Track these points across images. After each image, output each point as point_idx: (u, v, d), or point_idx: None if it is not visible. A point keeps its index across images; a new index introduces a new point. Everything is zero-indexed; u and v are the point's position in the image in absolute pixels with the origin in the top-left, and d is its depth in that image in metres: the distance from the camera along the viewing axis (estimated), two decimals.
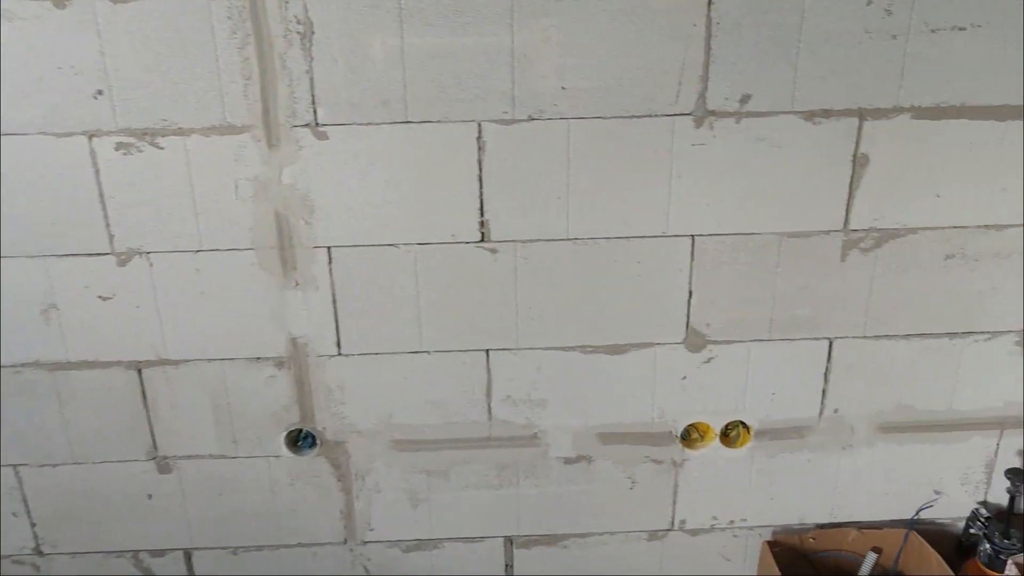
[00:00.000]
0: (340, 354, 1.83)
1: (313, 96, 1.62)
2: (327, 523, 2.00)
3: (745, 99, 1.66)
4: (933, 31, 1.62)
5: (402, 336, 1.82)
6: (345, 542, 2.02)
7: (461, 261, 1.75)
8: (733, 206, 1.74)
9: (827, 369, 1.89)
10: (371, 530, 2.01)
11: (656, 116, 1.66)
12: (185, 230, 1.72)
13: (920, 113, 1.68)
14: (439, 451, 1.93)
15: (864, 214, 1.75)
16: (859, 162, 1.71)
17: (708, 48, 1.62)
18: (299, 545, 2.02)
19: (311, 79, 1.61)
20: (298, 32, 1.57)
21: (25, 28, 1.56)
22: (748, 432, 1.94)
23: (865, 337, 1.86)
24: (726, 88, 1.65)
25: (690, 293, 1.80)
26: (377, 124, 1.64)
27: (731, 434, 1.95)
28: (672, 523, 2.04)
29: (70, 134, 1.64)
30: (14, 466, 1.92)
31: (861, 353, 1.88)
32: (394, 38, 1.59)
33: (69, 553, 2.01)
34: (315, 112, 1.63)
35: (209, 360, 1.83)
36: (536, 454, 1.94)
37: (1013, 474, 1.96)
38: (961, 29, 1.62)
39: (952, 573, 1.91)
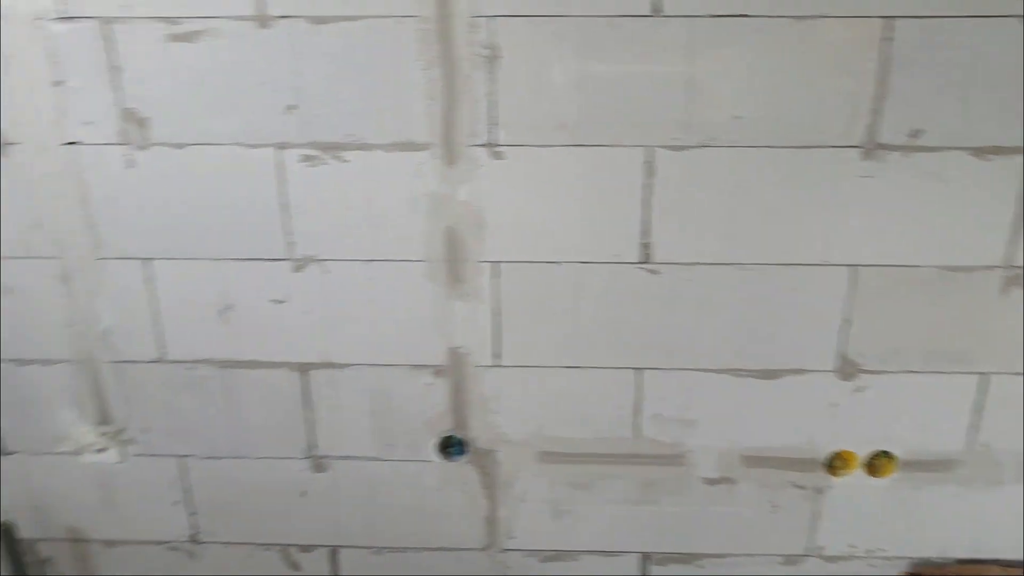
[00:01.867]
0: (497, 365, 1.89)
1: (493, 118, 1.69)
2: (470, 529, 2.06)
3: (915, 134, 1.67)
4: None
5: (558, 350, 1.87)
6: (486, 548, 2.08)
7: (621, 281, 1.80)
8: (896, 238, 1.75)
9: (979, 403, 1.89)
10: (512, 538, 2.07)
11: (825, 147, 1.69)
12: (360, 240, 1.80)
13: None
14: (585, 464, 1.98)
15: None
16: None
17: (881, 83, 1.64)
18: (441, 549, 2.08)
19: (493, 101, 1.67)
20: (484, 56, 1.64)
21: (229, 45, 1.66)
22: (893, 462, 1.95)
23: (1020, 374, 1.86)
24: (897, 122, 1.67)
25: (847, 322, 1.82)
26: (551, 146, 1.70)
27: (875, 463, 1.96)
28: (810, 549, 2.05)
29: (261, 145, 1.73)
30: (179, 456, 2.02)
31: (1015, 389, 1.87)
32: (575, 64, 1.64)
33: (223, 543, 2.11)
34: (494, 133, 1.70)
35: (371, 365, 1.91)
36: (680, 473, 1.98)
37: None
38: None
39: None
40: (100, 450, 2.00)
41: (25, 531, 2.09)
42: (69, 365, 1.94)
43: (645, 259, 1.78)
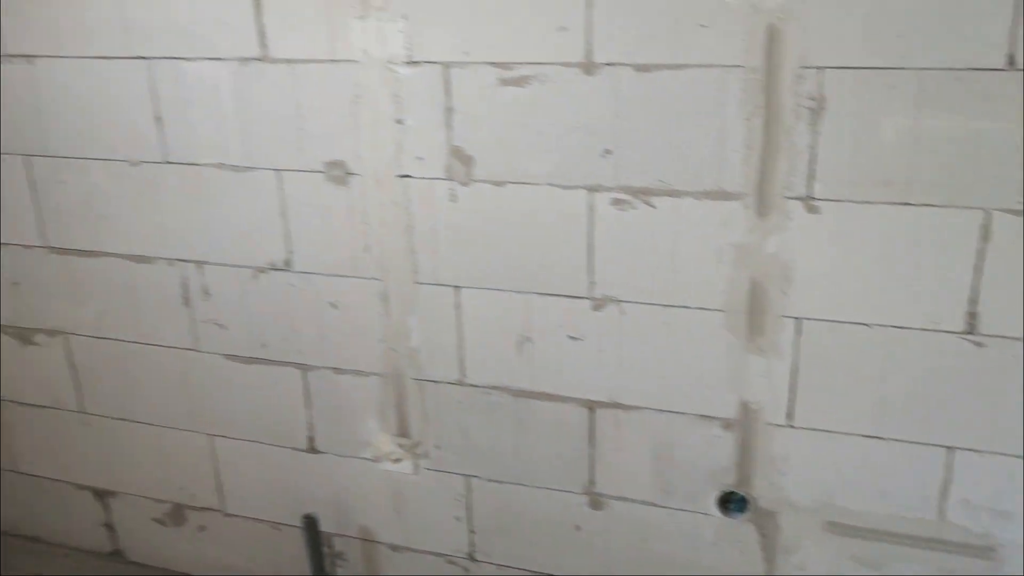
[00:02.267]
0: (790, 425, 1.81)
1: (812, 171, 1.63)
2: None
3: None
4: None
5: (858, 417, 1.77)
6: None
7: (939, 350, 1.67)
8: None
9: None
10: None
11: None
12: (660, 285, 1.81)
13: None
14: (876, 542, 1.84)
15: None
16: None
17: None
18: None
19: (813, 154, 1.62)
20: (808, 108, 1.60)
21: (555, 90, 1.74)
22: None
23: None
24: None
25: None
26: (873, 203, 1.62)
27: None
28: None
29: (574, 187, 1.80)
30: (466, 475, 2.12)
31: None
32: (907, 119, 1.56)
33: (496, 564, 2.18)
34: (811, 186, 1.64)
35: (659, 411, 1.90)
36: (987, 567, 1.79)
37: None
38: None
39: None
40: (396, 460, 2.15)
41: (325, 524, 2.29)
42: (379, 378, 2.10)
43: (969, 329, 1.64)
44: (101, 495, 2.56)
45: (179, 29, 1.95)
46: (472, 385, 2.03)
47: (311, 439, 2.24)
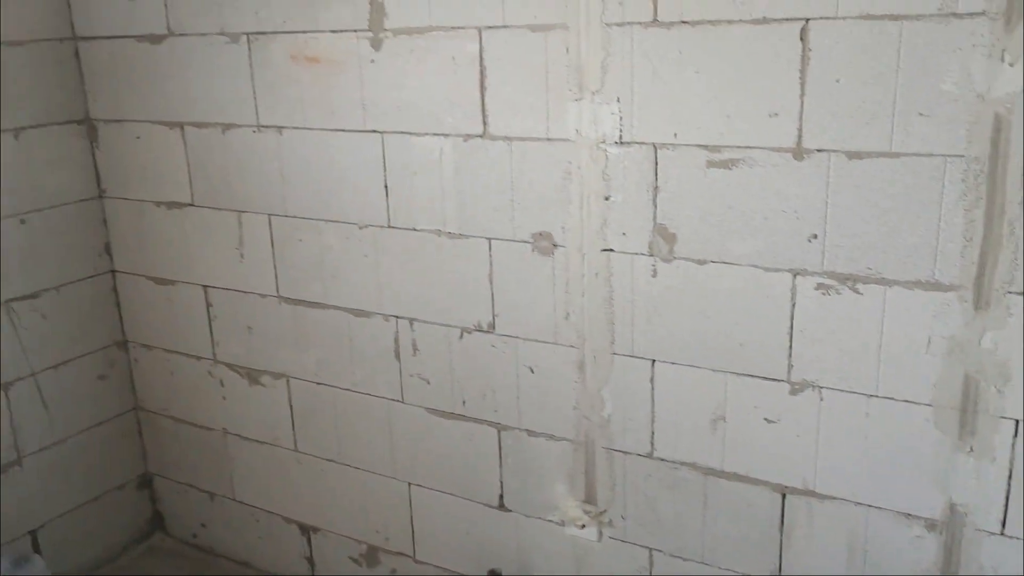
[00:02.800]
0: (1002, 534, 1.70)
1: None
2: None
3: None
4: None
5: None
6: None
7: None
8: None
9: None
10: None
11: None
12: (863, 373, 1.76)
13: None
14: None
15: None
16: None
17: None
18: None
19: None
20: None
21: (762, 174, 1.76)
22: None
23: None
24: None
25: None
26: None
27: None
28: None
29: (777, 270, 1.80)
30: (649, 548, 2.12)
31: None
32: None
33: None
34: None
35: (855, 503, 1.84)
36: None
37: None
38: None
39: None
40: (582, 526, 2.19)
41: None
42: (570, 444, 2.16)
43: None
44: (306, 530, 2.75)
45: (411, 107, 2.14)
46: (662, 459, 2.04)
47: (501, 497, 2.32)
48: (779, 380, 1.86)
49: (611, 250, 1.97)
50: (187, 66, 2.47)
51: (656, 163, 1.87)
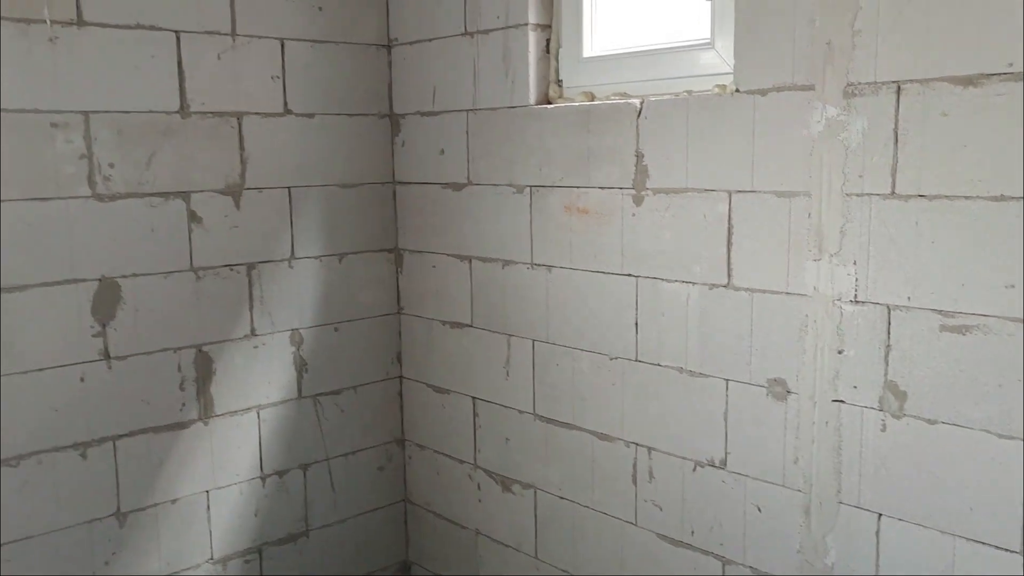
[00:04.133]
0: None
1: None
2: None
3: None
4: None
5: None
6: None
7: None
8: None
9: None
10: None
11: None
12: None
13: None
14: None
15: None
16: None
17: None
18: None
19: None
20: None
21: (996, 341, 1.81)
22: None
23: None
24: None
25: None
26: None
27: None
28: None
29: (1011, 437, 1.81)
30: None
31: None
32: None
33: None
34: None
35: None
36: None
37: None
38: None
39: None
40: None
41: None
42: None
43: None
44: None
45: (663, 256, 2.40)
46: None
47: None
48: (1012, 551, 1.83)
49: (842, 401, 2.07)
50: (479, 210, 2.91)
51: (889, 323, 1.97)
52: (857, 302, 2.02)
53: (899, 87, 1.90)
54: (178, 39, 2.66)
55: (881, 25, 1.91)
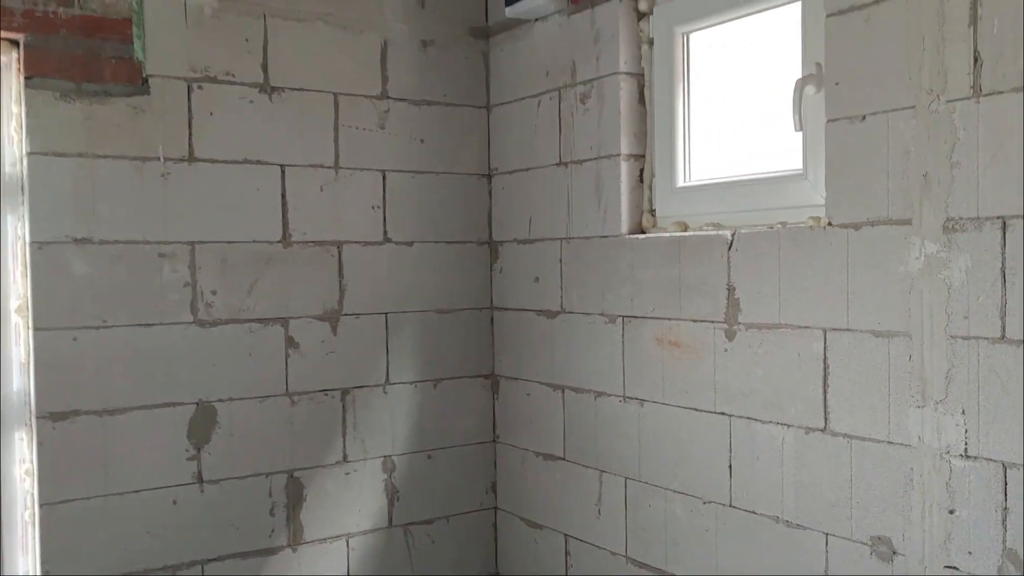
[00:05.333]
0: None
1: None
2: None
3: None
4: None
5: None
6: None
7: None
8: None
9: None
10: None
11: None
12: None
13: None
14: None
15: None
16: None
17: None
18: None
19: None
20: None
21: None
22: None
23: None
24: None
25: None
26: None
27: None
28: None
29: None
30: None
31: None
32: None
33: None
34: None
35: None
36: None
37: None
38: None
39: None
40: None
41: None
42: None
43: None
44: None
45: (756, 395, 2.25)
46: None
47: None
48: None
49: (955, 568, 1.84)
50: (571, 338, 2.85)
51: (1005, 483, 1.76)
52: (968, 457, 1.82)
53: (1004, 223, 1.74)
54: (283, 173, 2.79)
55: (981, 157, 1.78)
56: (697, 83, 2.59)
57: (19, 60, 2.41)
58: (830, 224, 2.07)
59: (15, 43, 2.41)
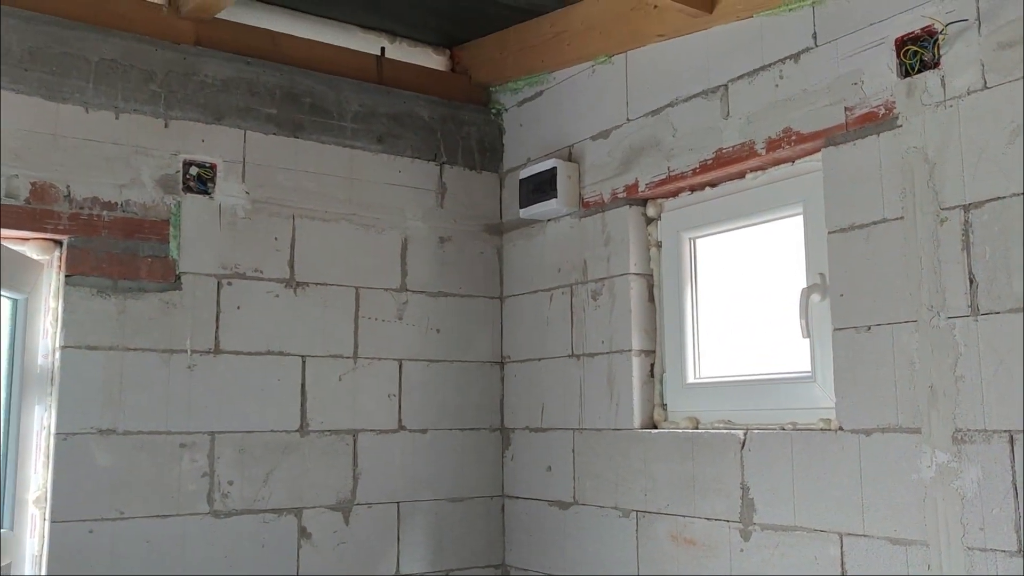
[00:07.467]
0: None
1: None
2: None
3: None
4: None
5: None
6: None
7: None
8: None
9: None
10: None
11: None
12: None
13: None
14: None
15: None
16: None
17: None
18: None
19: None
20: None
21: None
22: None
23: None
24: None
25: None
26: None
27: None
28: None
29: None
30: None
31: None
32: None
33: None
34: None
35: None
36: None
37: None
38: None
39: None
40: None
41: None
42: None
43: None
44: None
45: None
46: None
47: None
48: None
49: None
50: (584, 531, 2.84)
51: None
52: None
53: (1011, 437, 1.81)
54: (303, 363, 2.87)
55: (984, 372, 1.86)
56: (705, 284, 2.71)
57: (60, 259, 2.54)
58: (841, 428, 2.13)
59: (58, 243, 2.55)
